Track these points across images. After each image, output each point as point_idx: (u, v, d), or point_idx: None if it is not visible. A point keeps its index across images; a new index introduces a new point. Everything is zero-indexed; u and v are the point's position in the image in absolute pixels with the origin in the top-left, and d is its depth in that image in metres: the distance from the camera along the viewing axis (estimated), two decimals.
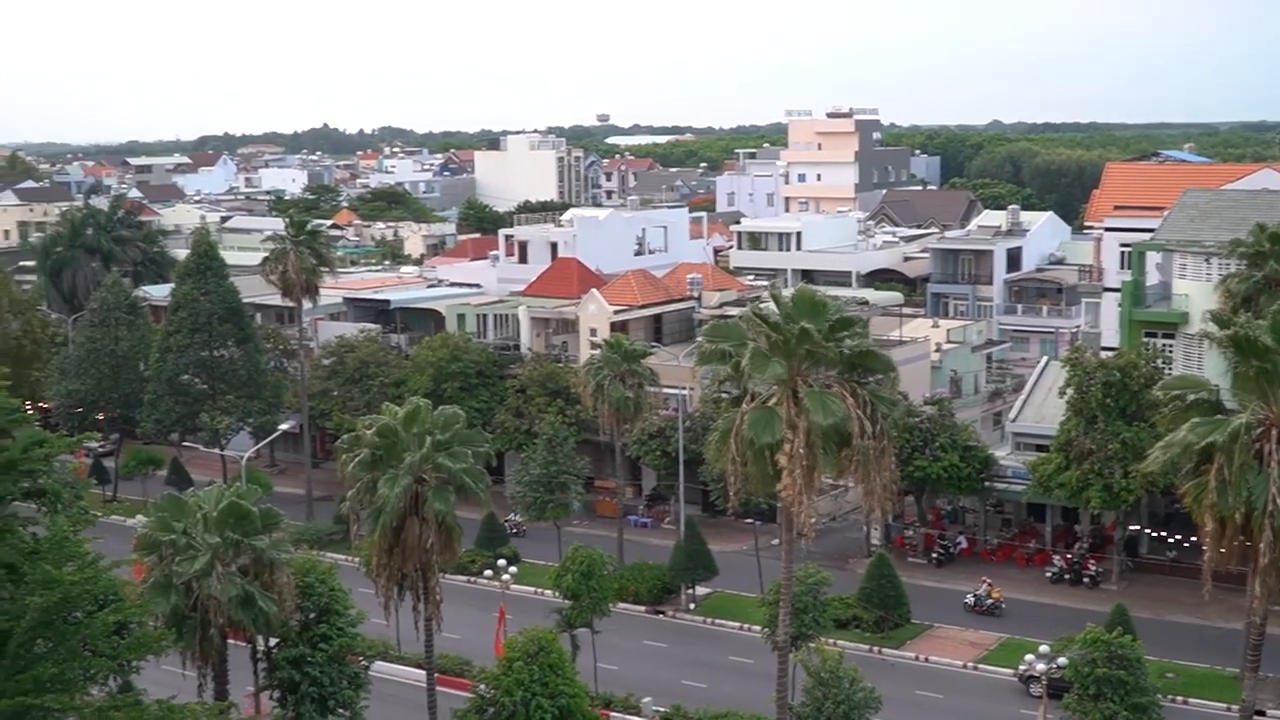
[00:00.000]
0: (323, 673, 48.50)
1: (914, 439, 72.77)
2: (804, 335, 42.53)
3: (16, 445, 33.04)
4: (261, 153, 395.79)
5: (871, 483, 43.14)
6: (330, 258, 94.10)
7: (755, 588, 68.94)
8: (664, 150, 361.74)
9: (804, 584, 53.59)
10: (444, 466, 47.11)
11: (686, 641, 68.23)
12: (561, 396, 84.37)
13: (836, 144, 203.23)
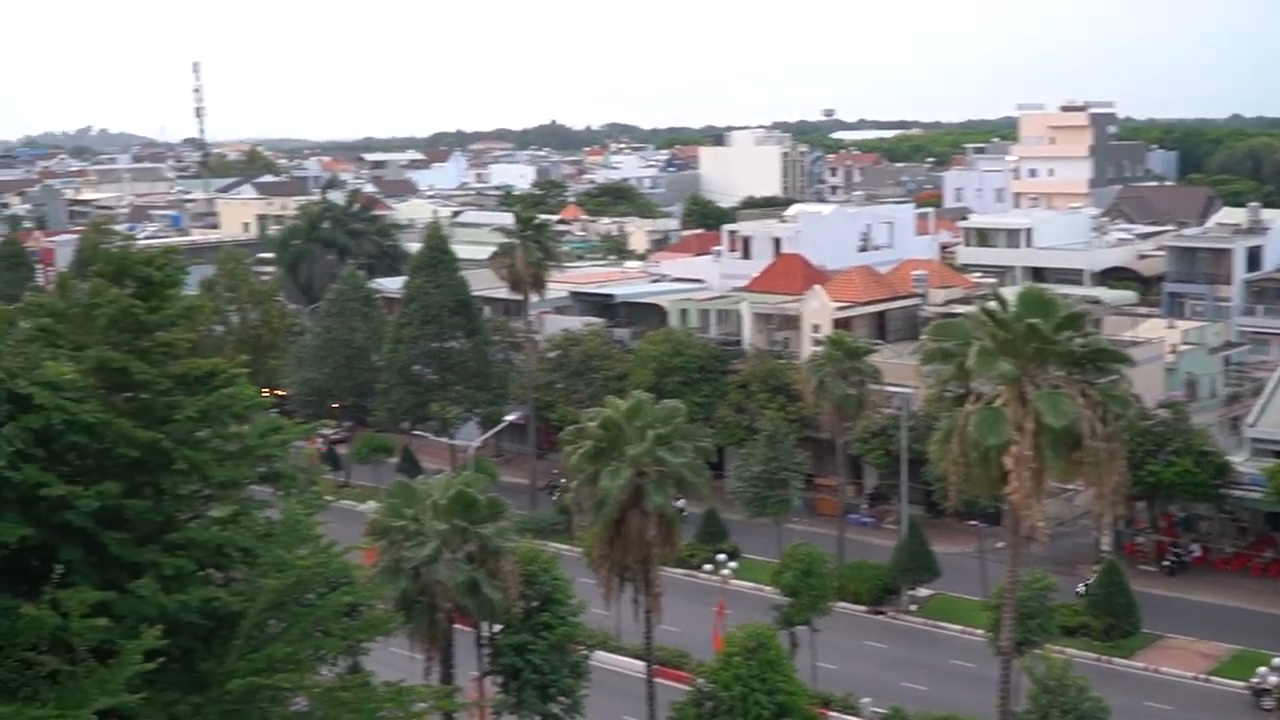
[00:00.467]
0: (544, 660, 49.09)
1: (1146, 443, 70.39)
2: (1032, 332, 41.50)
3: (254, 431, 33.94)
4: (492, 149, 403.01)
5: (1102, 486, 41.87)
6: (556, 252, 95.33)
7: (978, 591, 67.49)
8: (890, 145, 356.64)
9: (1029, 589, 52.34)
10: (665, 460, 47.24)
11: (907, 643, 67.34)
12: (783, 393, 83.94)
13: (1070, 138, 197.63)
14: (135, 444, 31.07)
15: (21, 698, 27.63)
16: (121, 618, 29.05)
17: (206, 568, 32.54)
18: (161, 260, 33.41)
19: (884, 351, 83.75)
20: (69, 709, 26.88)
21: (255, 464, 34.01)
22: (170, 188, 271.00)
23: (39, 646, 28.98)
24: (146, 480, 31.79)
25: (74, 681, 27.91)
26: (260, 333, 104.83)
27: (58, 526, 30.30)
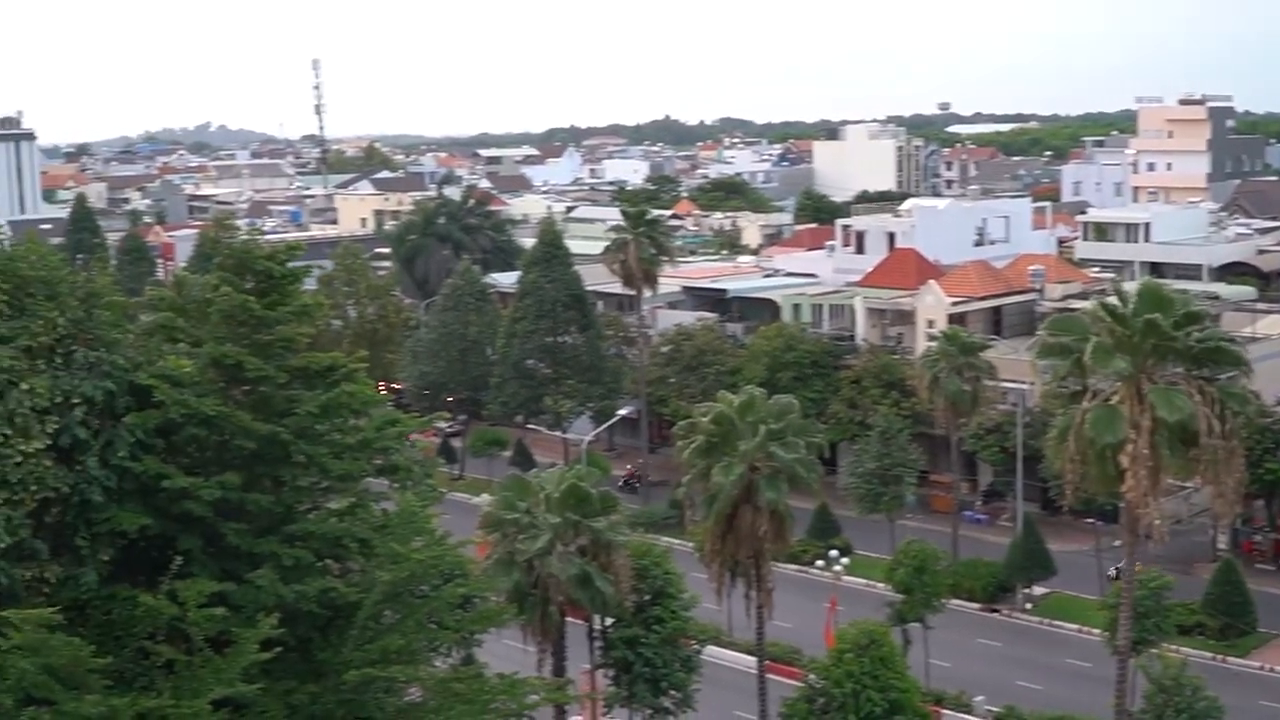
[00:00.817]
0: (656, 654, 49.11)
1: (1265, 440, 68.71)
2: (1150, 328, 40.69)
3: (371, 424, 34.33)
4: (605, 144, 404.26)
5: (1220, 484, 40.96)
6: (669, 247, 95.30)
7: (1095, 590, 66.52)
8: (1007, 138, 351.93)
9: (1146, 588, 51.41)
10: (777, 456, 46.98)
11: (1021, 641, 66.42)
12: (896, 388, 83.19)
13: (1188, 132, 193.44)
14: (254, 437, 31.53)
15: (138, 687, 28.11)
16: (239, 608, 29.45)
17: (324, 559, 32.93)
18: (283, 256, 33.89)
19: (999, 347, 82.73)
20: (185, 699, 27.29)
21: (373, 457, 34.34)
22: (289, 184, 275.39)
23: (156, 636, 29.47)
24: (265, 472, 32.23)
25: (190, 671, 28.33)
26: (377, 327, 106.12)
27: (177, 517, 30.79)
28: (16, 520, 28.82)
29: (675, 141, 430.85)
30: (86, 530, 30.36)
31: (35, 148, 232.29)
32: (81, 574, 29.89)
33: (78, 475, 29.93)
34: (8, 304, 30.24)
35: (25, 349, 29.92)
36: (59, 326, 30.84)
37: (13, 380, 29.10)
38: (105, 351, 30.95)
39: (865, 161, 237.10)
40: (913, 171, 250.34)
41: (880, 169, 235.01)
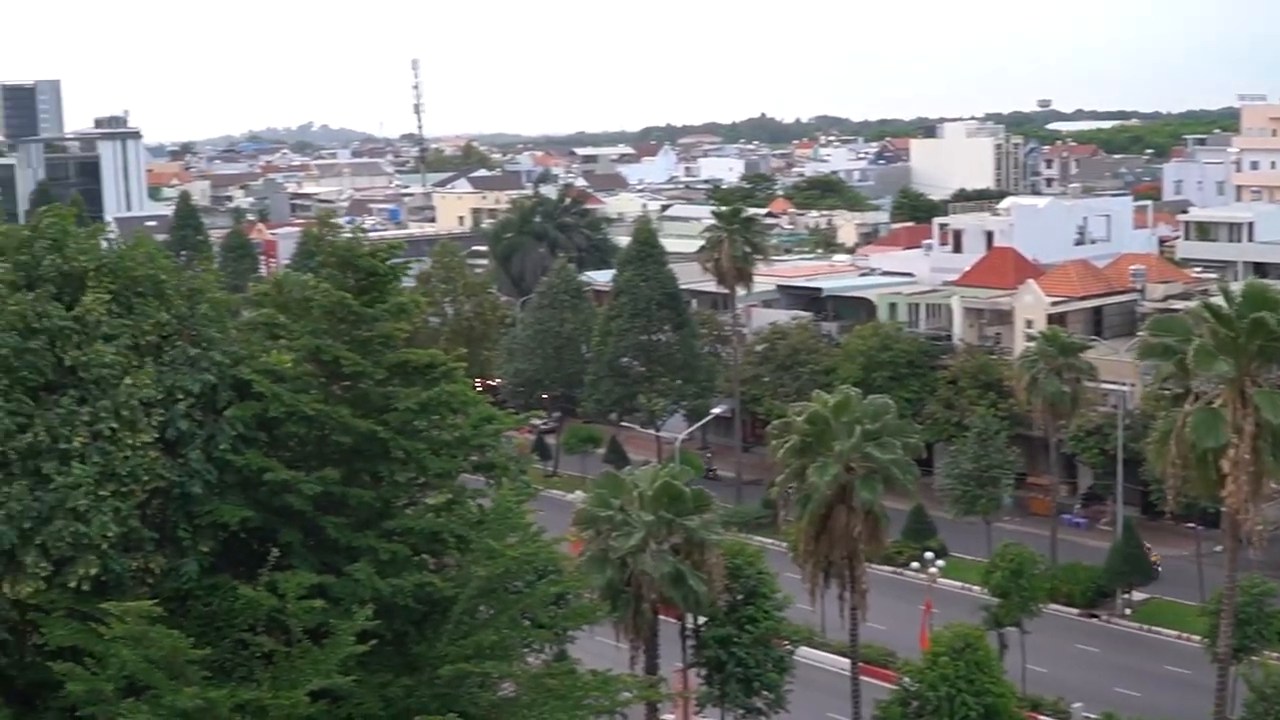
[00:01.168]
0: (749, 654, 49.01)
1: None
2: (1256, 329, 39.89)
3: (468, 421, 34.56)
4: (701, 143, 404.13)
5: None
6: (763, 245, 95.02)
7: (1195, 595, 65.32)
8: (1107, 136, 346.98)
9: (1248, 594, 50.40)
10: (873, 456, 46.63)
11: (1120, 647, 65.44)
12: (994, 389, 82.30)
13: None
14: (353, 433, 31.89)
15: (237, 678, 28.51)
16: (337, 600, 29.77)
17: (420, 554, 33.19)
18: (384, 254, 34.27)
19: (1100, 348, 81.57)
20: (283, 690, 27.63)
21: (470, 454, 34.60)
22: (389, 182, 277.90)
23: (255, 628, 29.89)
24: (364, 468, 32.58)
25: (288, 662, 28.69)
26: (473, 324, 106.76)
27: (278, 510, 31.22)
28: (125, 511, 29.41)
29: (771, 139, 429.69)
30: (188, 522, 30.88)
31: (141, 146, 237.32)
32: (183, 565, 30.41)
33: (181, 468, 30.48)
34: (115, 302, 30.88)
35: (132, 345, 30.54)
36: (164, 324, 31.44)
37: (118, 375, 29.72)
38: (207, 347, 31.51)
39: (963, 159, 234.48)
40: (1012, 169, 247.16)
41: (979, 167, 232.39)
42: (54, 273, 30.93)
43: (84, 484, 28.68)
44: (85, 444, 29.02)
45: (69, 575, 28.68)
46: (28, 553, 28.43)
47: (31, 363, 29.34)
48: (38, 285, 30.58)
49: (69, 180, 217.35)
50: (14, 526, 28.33)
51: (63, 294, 30.61)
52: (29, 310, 29.40)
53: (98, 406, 29.29)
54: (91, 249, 31.96)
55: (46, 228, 32.43)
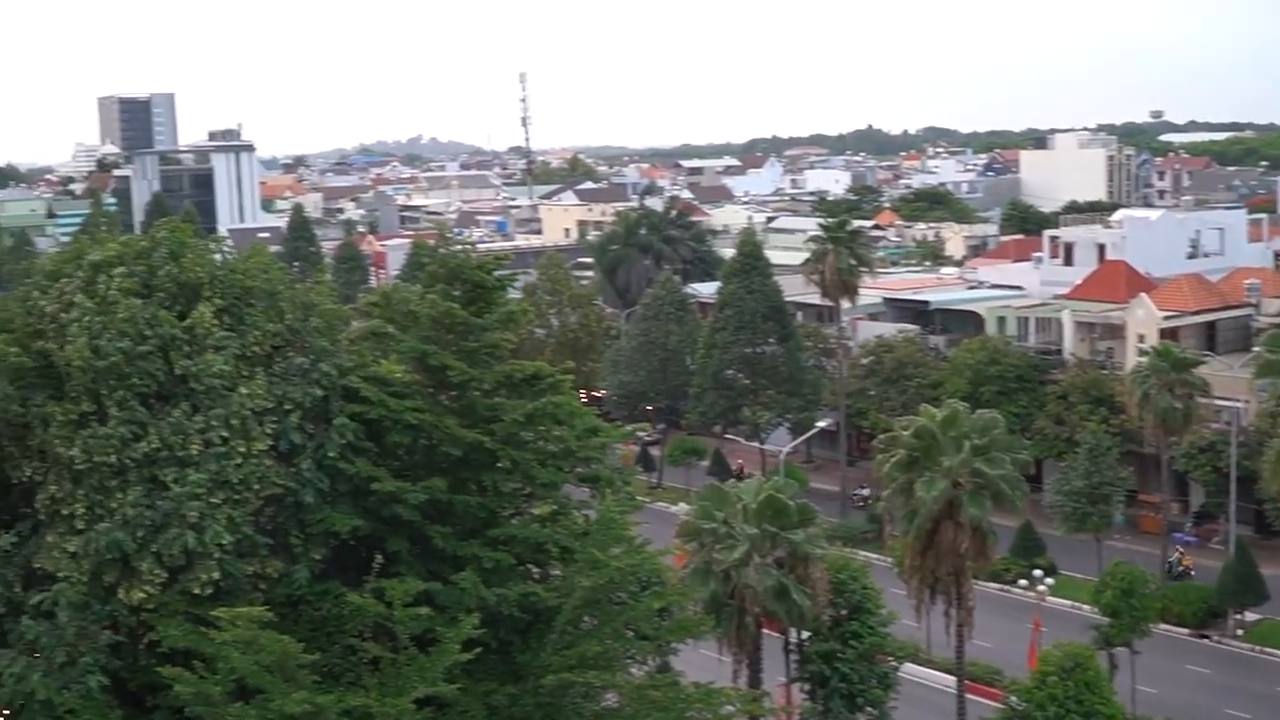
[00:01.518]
0: (853, 669, 48.63)
1: None
2: None
3: (573, 433, 34.74)
4: (807, 154, 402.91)
5: None
6: (869, 258, 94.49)
7: None
8: (1221, 148, 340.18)
9: None
10: (981, 472, 46.12)
11: (1232, 669, 64.02)
12: (1105, 405, 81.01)
13: None
14: (459, 442, 32.17)
15: (345, 684, 28.85)
16: (443, 608, 30.02)
17: (525, 564, 33.40)
18: (490, 265, 34.58)
19: (1213, 363, 79.96)
20: (389, 696, 27.90)
21: (575, 465, 34.78)
22: (496, 194, 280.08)
23: (363, 634, 30.23)
24: (471, 477, 32.85)
25: (395, 669, 28.97)
26: (579, 336, 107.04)
27: (386, 519, 31.59)
28: (239, 519, 29.91)
29: (878, 151, 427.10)
30: (300, 530, 31.36)
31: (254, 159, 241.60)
32: (295, 572, 30.88)
33: (293, 477, 30.96)
34: (227, 313, 31.44)
35: (241, 355, 31.07)
36: (275, 334, 31.97)
37: (230, 385, 30.23)
38: (317, 359, 32.00)
39: (1074, 171, 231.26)
40: (1124, 181, 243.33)
41: (1090, 179, 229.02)
42: (169, 283, 31.57)
43: (198, 493, 29.22)
44: (200, 452, 29.56)
45: (188, 582, 29.23)
46: (143, 560, 29.03)
47: (143, 369, 29.93)
48: (153, 295, 31.23)
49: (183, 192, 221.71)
50: (130, 534, 28.92)
51: (176, 304, 31.22)
52: (141, 317, 29.99)
53: (210, 416, 29.82)
54: (207, 261, 32.57)
55: (163, 239, 33.10)
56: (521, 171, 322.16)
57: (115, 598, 29.29)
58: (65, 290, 31.43)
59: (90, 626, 29.12)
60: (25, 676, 28.59)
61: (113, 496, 29.45)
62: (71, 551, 29.35)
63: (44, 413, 30.55)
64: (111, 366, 29.52)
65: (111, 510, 29.32)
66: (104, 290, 30.69)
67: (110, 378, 29.67)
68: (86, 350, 29.31)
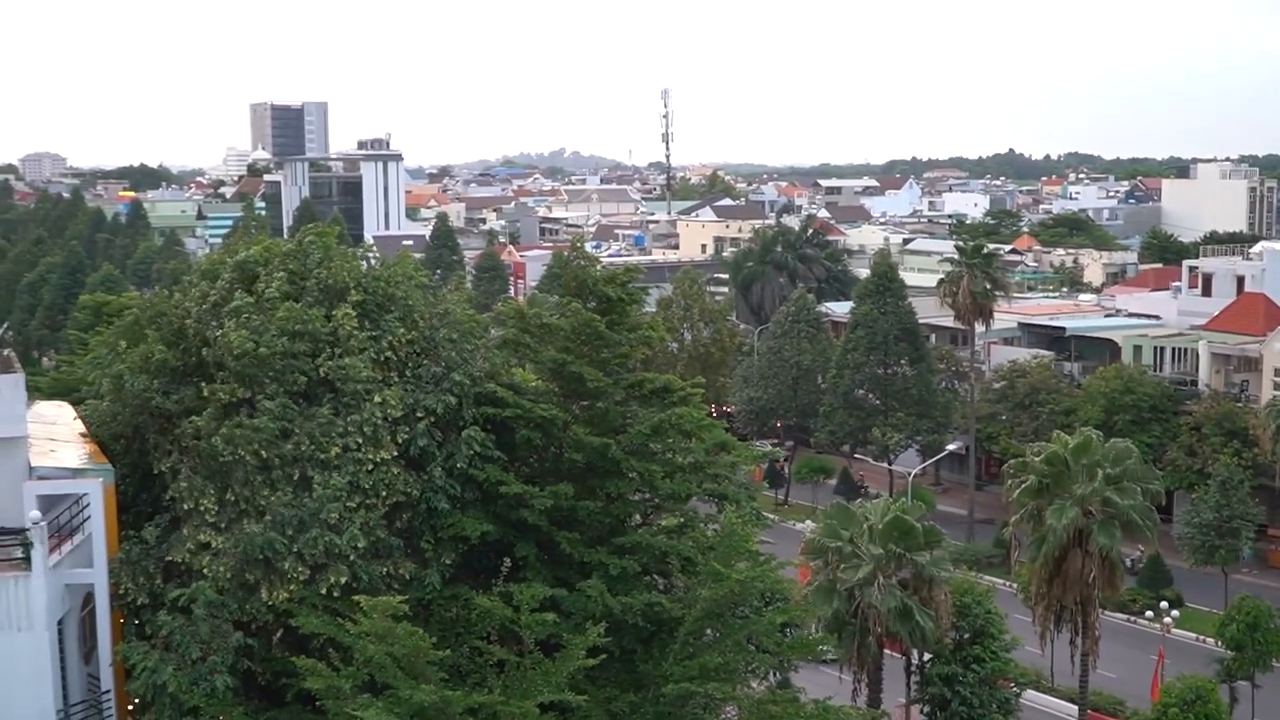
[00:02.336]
0: (973, 694, 48.09)
1: None
2: None
3: (701, 447, 34.83)
4: (946, 177, 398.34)
5: None
6: (1005, 282, 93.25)
7: None
8: None
9: None
10: (1113, 501, 45.27)
11: None
12: (1239, 438, 78.94)
13: None
14: (586, 449, 32.43)
15: (471, 683, 29.18)
16: (568, 614, 30.25)
17: (650, 573, 33.54)
18: (623, 278, 34.78)
19: None
20: (514, 699, 28.15)
21: (703, 480, 34.83)
22: (635, 209, 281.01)
23: (489, 636, 30.55)
24: (597, 484, 33.10)
25: (520, 672, 29.23)
26: (710, 351, 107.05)
27: (514, 524, 31.95)
28: (372, 523, 30.42)
29: (1018, 176, 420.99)
30: (431, 535, 31.85)
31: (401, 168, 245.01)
32: (426, 575, 31.33)
33: (424, 483, 31.40)
34: (367, 317, 32.04)
35: (380, 361, 31.64)
36: (410, 342, 32.52)
37: (368, 391, 30.75)
38: (449, 368, 32.48)
39: (1216, 201, 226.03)
40: (1265, 213, 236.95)
41: (1231, 209, 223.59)
42: (316, 287, 32.23)
43: (339, 495, 29.71)
44: (339, 456, 30.08)
45: (321, 583, 29.69)
46: (286, 559, 29.46)
47: (295, 366, 30.58)
48: (303, 297, 31.89)
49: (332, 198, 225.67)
50: (281, 533, 29.38)
51: (320, 305, 31.87)
52: (297, 318, 30.65)
53: (348, 421, 30.36)
54: (353, 267, 33.24)
55: (310, 244, 33.85)
56: (661, 187, 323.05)
57: (255, 596, 29.72)
58: (219, 289, 32.23)
59: (223, 625, 29.67)
60: (159, 669, 29.22)
61: (259, 494, 29.95)
62: (210, 546, 29.84)
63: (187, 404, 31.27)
64: (269, 358, 30.15)
65: (260, 509, 29.81)
66: (262, 289, 31.48)
67: (267, 370, 30.36)
68: (248, 341, 29.93)
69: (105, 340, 37.01)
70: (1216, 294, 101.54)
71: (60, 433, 35.28)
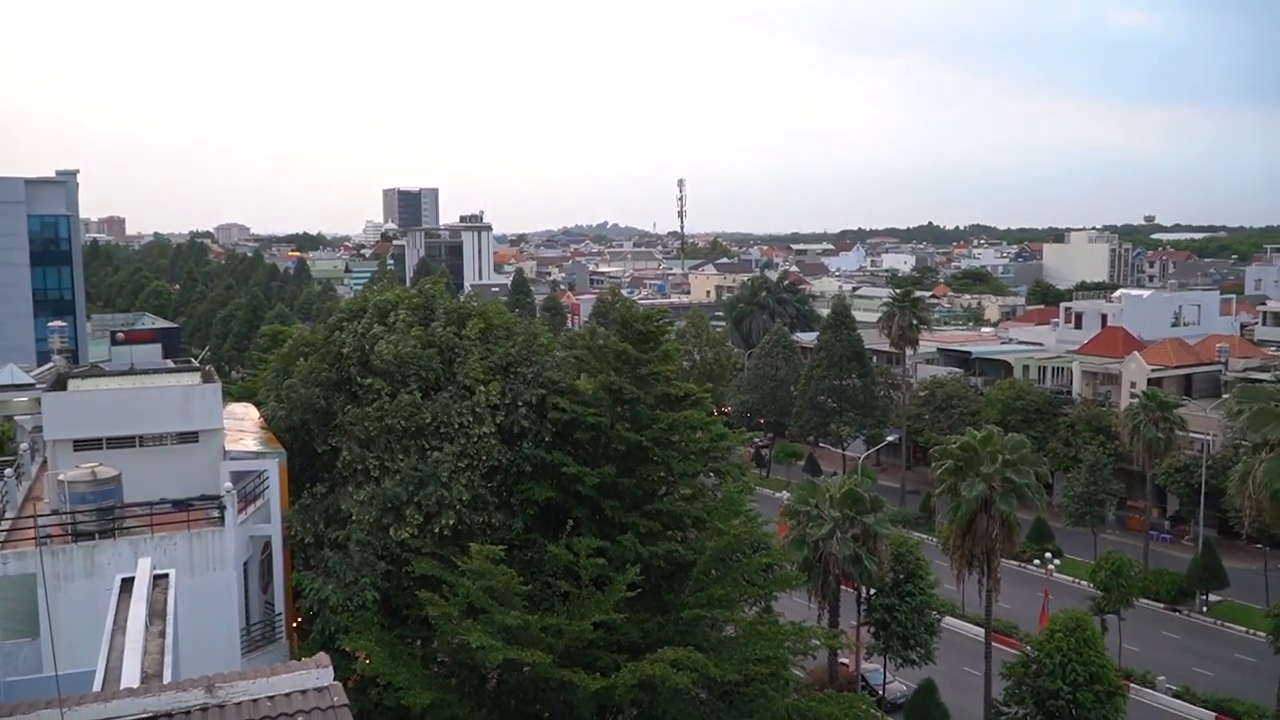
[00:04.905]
0: (907, 619, 47.92)
1: None
2: None
3: (707, 436, 34.95)
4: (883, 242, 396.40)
5: None
6: (927, 319, 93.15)
7: (1262, 600, 60.99)
8: (1200, 244, 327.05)
9: None
10: (1010, 479, 45.05)
11: (1197, 637, 61.38)
12: (1103, 433, 78.45)
13: None
14: (626, 442, 32.53)
15: (543, 609, 29.28)
16: (613, 560, 30.33)
17: (670, 529, 33.57)
18: (656, 317, 35.15)
19: (1189, 406, 77.05)
20: (575, 619, 28.22)
21: (708, 461, 34.93)
22: (658, 265, 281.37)
23: (557, 574, 30.64)
24: (633, 466, 33.16)
25: (578, 601, 29.28)
26: (713, 368, 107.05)
27: (572, 494, 32.06)
28: (475, 481, 30.64)
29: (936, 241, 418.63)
30: (517, 495, 31.98)
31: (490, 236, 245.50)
32: (514, 524, 31.48)
33: (516, 454, 31.69)
34: (481, 336, 32.76)
35: (490, 367, 32.14)
36: (512, 353, 32.94)
37: (478, 383, 31.42)
38: (539, 372, 32.88)
39: (1084, 259, 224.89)
40: (1122, 268, 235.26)
41: (1096, 266, 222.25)
42: (444, 314, 33.08)
43: (448, 460, 30.08)
44: (455, 430, 30.59)
45: (435, 524, 29.97)
46: (408, 507, 29.81)
47: (426, 365, 31.12)
48: (434, 320, 32.79)
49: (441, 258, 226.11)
50: (405, 488, 29.72)
51: (451, 324, 32.75)
52: (425, 337, 31.52)
53: (463, 405, 30.80)
54: (467, 301, 34.13)
55: (428, 290, 34.29)
56: (676, 249, 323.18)
57: (387, 535, 30.10)
58: (363, 325, 32.78)
59: (370, 556, 29.90)
60: (323, 589, 29.43)
61: (395, 458, 30.41)
62: (361, 499, 30.26)
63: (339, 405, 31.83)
64: (406, 359, 30.81)
65: (395, 470, 30.28)
66: (393, 322, 32.08)
67: (406, 369, 30.96)
68: (390, 352, 30.63)
69: (276, 360, 37.31)
70: (1086, 327, 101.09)
71: (246, 426, 35.52)
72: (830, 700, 31.88)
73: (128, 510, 27.86)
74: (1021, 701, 41.22)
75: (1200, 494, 69.33)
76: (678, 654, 26.96)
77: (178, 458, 30.29)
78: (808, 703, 31.43)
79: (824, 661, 48.42)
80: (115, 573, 16.02)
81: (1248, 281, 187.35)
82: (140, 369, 36.64)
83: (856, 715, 30.80)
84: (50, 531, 26.91)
